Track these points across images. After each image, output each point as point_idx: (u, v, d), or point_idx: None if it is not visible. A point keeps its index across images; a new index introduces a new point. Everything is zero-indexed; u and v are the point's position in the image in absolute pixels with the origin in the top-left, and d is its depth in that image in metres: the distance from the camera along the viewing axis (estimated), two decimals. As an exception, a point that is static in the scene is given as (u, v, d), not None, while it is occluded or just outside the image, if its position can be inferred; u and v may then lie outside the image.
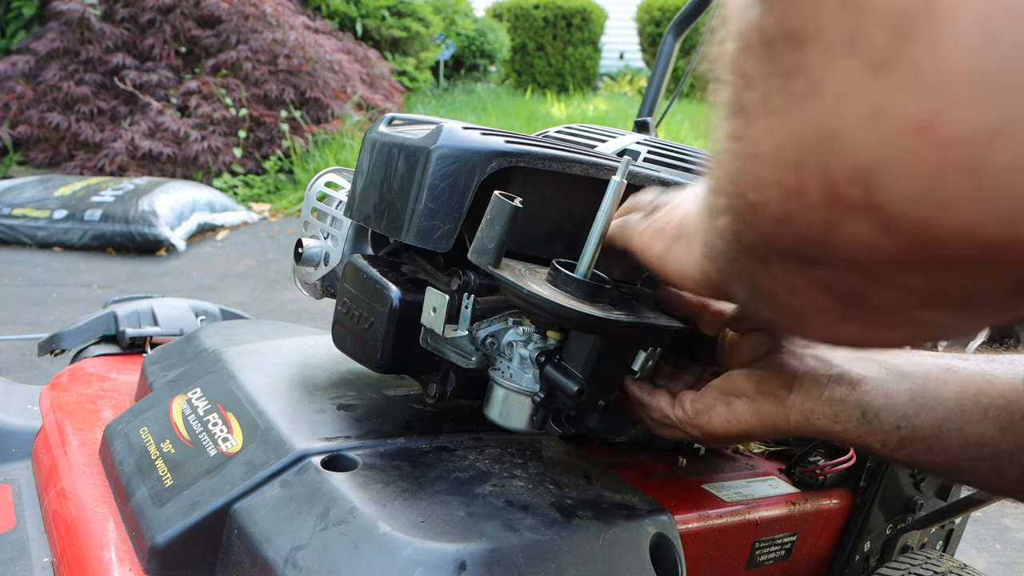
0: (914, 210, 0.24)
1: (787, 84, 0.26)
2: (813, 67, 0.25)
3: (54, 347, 1.23)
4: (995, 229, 0.23)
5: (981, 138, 0.22)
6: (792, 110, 0.26)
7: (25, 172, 6.34)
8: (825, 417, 0.59)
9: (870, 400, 0.58)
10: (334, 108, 6.86)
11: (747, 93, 0.28)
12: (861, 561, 0.97)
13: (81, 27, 6.56)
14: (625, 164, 0.61)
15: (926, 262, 0.25)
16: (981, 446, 0.55)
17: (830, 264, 0.29)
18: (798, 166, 0.27)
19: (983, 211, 0.23)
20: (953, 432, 0.56)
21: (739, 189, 0.31)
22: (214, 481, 0.67)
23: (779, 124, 0.27)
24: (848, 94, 0.24)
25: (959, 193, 0.23)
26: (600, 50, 12.20)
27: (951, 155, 0.22)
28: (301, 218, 0.90)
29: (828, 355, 0.61)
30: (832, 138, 0.25)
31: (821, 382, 0.60)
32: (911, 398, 0.57)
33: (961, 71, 0.21)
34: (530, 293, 0.58)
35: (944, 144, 0.22)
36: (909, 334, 0.34)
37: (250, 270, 4.83)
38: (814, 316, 0.33)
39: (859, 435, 0.59)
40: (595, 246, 0.61)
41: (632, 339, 0.65)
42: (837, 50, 0.24)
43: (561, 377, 0.61)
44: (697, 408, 0.64)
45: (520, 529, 0.61)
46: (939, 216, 0.23)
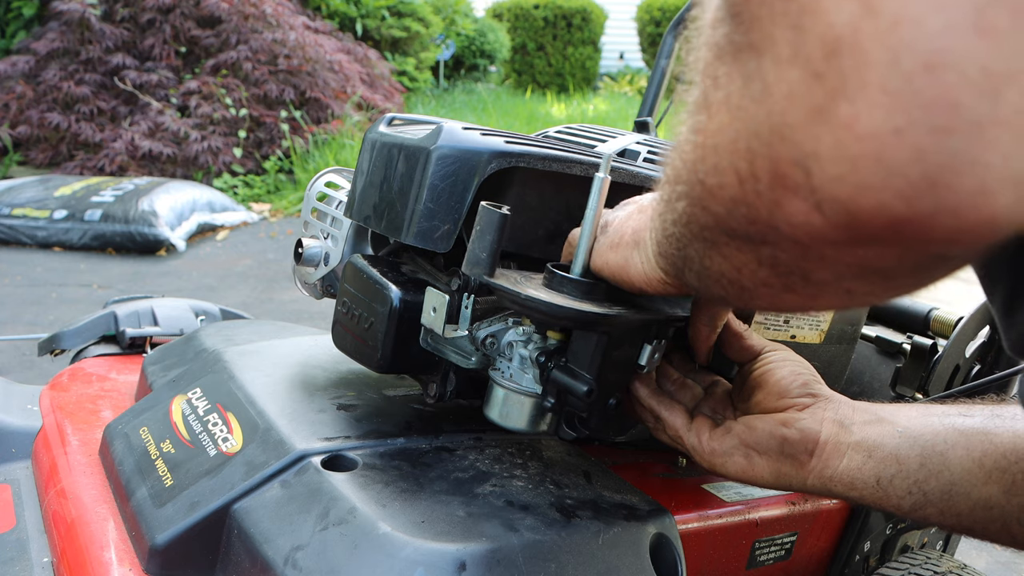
0: (838, 190, 0.30)
1: (746, 86, 0.32)
2: (767, 73, 0.31)
3: (54, 347, 1.23)
4: (897, 207, 0.29)
5: (887, 134, 0.28)
6: (748, 108, 0.32)
7: (25, 172, 6.34)
8: (843, 484, 0.62)
9: (884, 468, 0.60)
10: (334, 108, 6.85)
11: (713, 92, 0.34)
12: (861, 561, 0.97)
13: (81, 27, 6.56)
14: (607, 160, 0.61)
15: (850, 238, 0.31)
16: (989, 508, 0.57)
17: (773, 242, 0.34)
18: (751, 154, 0.32)
19: (888, 191, 0.28)
20: (961, 496, 0.58)
21: (698, 176, 0.36)
22: (214, 481, 0.67)
23: (737, 119, 0.33)
24: (793, 96, 0.30)
25: (870, 176, 0.29)
26: (600, 50, 12.20)
27: (866, 146, 0.28)
28: (301, 218, 0.90)
29: (849, 421, 0.63)
30: (780, 131, 0.31)
31: (841, 450, 0.62)
32: (921, 464, 0.59)
33: (874, 83, 0.27)
34: (528, 298, 0.58)
35: (861, 137, 0.28)
36: (840, 302, 0.38)
37: (250, 270, 4.83)
38: (760, 289, 0.39)
39: (874, 500, 0.61)
40: (587, 244, 0.61)
41: (636, 333, 0.65)
42: (786, 61, 0.30)
43: (569, 379, 0.61)
44: (714, 448, 0.65)
45: (520, 529, 0.61)
46: (856, 195, 0.29)
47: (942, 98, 0.26)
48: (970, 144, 0.27)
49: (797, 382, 0.65)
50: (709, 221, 0.37)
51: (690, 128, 0.36)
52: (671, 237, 0.44)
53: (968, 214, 0.28)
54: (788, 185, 0.31)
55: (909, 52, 0.26)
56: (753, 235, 0.35)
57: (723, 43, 0.33)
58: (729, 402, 0.69)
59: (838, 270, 0.34)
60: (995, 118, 0.26)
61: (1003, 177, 0.27)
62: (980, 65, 0.26)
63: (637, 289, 0.58)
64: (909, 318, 1.10)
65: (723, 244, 0.38)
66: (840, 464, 0.61)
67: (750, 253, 0.37)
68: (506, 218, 0.59)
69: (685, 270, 0.44)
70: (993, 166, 0.27)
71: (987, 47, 0.26)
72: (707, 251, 0.40)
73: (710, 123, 0.34)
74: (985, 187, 0.27)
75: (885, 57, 0.27)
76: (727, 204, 0.35)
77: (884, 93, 0.27)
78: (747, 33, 0.31)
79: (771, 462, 0.63)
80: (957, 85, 0.26)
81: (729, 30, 0.33)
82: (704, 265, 0.41)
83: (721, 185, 0.35)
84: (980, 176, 0.27)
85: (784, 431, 0.62)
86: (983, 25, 0.26)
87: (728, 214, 0.35)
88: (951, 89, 0.26)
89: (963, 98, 0.26)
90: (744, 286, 0.39)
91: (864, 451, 0.61)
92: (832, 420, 0.63)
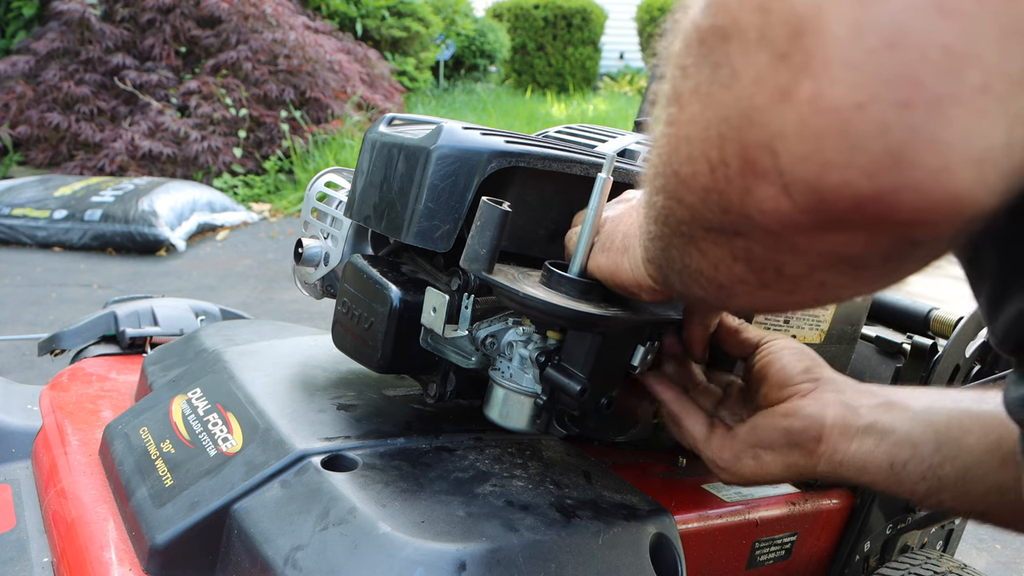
0: (804, 170, 0.30)
1: (714, 73, 0.32)
2: (734, 58, 0.31)
3: (54, 347, 1.23)
4: (861, 184, 0.29)
5: (850, 108, 0.28)
6: (717, 94, 0.32)
7: (25, 172, 6.33)
8: (854, 468, 0.61)
9: (898, 452, 0.59)
10: (334, 108, 6.85)
11: (682, 83, 0.34)
12: (861, 561, 0.97)
13: (81, 27, 6.56)
14: (610, 160, 0.61)
15: (817, 222, 0.31)
16: (1003, 494, 0.57)
17: (746, 233, 0.35)
18: (722, 140, 0.33)
19: (852, 168, 0.29)
20: (976, 481, 0.57)
21: (672, 167, 0.37)
22: (214, 481, 0.67)
23: (707, 107, 0.33)
24: (760, 79, 0.30)
25: (834, 153, 0.29)
26: (600, 50, 12.20)
27: (829, 120, 0.29)
28: (301, 218, 0.90)
29: (856, 404, 0.62)
30: (748, 114, 0.31)
31: (850, 434, 0.61)
32: (936, 448, 0.59)
33: (837, 59, 0.28)
34: (526, 296, 0.58)
35: (824, 111, 0.29)
36: (815, 296, 0.39)
37: (250, 270, 4.83)
38: (737, 287, 0.39)
39: (887, 485, 0.60)
40: (586, 244, 0.61)
41: (630, 334, 0.65)
42: (752, 44, 0.30)
43: (562, 378, 0.61)
44: (724, 458, 0.64)
45: (520, 529, 0.61)
46: (822, 173, 0.30)
47: (904, 74, 0.27)
48: (931, 121, 0.27)
49: (798, 368, 0.64)
50: (685, 215, 0.38)
51: (664, 121, 0.37)
52: (655, 239, 0.44)
53: (931, 191, 0.28)
54: (757, 170, 0.31)
55: (872, 29, 0.27)
56: (727, 226, 0.35)
57: (691, 32, 0.34)
58: (745, 401, 0.68)
59: (810, 260, 0.34)
60: (956, 96, 0.27)
61: (964, 155, 0.27)
62: (942, 44, 0.26)
63: (629, 293, 0.59)
64: (909, 318, 1.10)
65: (700, 239, 0.38)
66: (850, 448, 0.60)
67: (725, 246, 0.37)
68: (507, 214, 0.59)
69: (669, 272, 0.44)
70: (954, 144, 0.27)
71: (949, 27, 0.26)
72: (686, 247, 0.40)
73: (681, 114, 0.35)
74: (947, 164, 0.28)
75: (848, 33, 0.27)
76: (700, 193, 0.35)
77: (847, 68, 0.28)
78: (714, 19, 0.32)
79: (780, 456, 0.62)
80: (919, 62, 0.27)
81: (698, 19, 0.33)
82: (684, 263, 0.41)
83: (694, 174, 0.35)
84: (941, 153, 0.27)
85: (787, 422, 0.62)
86: (946, 5, 0.26)
87: (702, 204, 0.36)
88: (913, 66, 0.27)
89: (924, 75, 0.27)
90: (722, 283, 0.40)
91: (876, 435, 0.60)
92: (837, 402, 0.62)
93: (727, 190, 0.33)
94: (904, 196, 0.29)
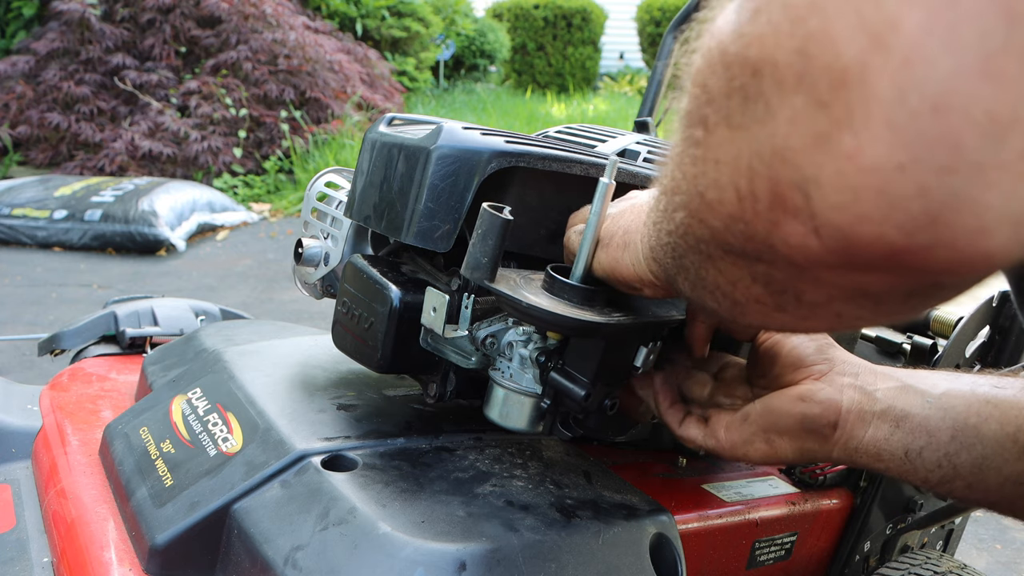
0: (837, 217, 0.30)
1: (745, 105, 0.32)
2: (768, 96, 0.31)
3: (54, 347, 1.23)
4: (896, 239, 0.29)
5: (891, 169, 0.28)
6: (750, 128, 0.32)
7: (25, 172, 6.33)
8: (868, 455, 0.60)
9: (914, 439, 0.59)
10: (334, 108, 6.85)
11: (707, 107, 0.34)
12: (861, 561, 0.97)
13: (81, 27, 6.56)
14: (612, 165, 0.61)
15: (845, 263, 0.31)
16: (1019, 484, 0.56)
17: (769, 261, 0.35)
18: (752, 174, 0.32)
19: (888, 224, 0.29)
20: (992, 471, 0.57)
21: (697, 188, 0.36)
22: (214, 481, 0.67)
23: (738, 138, 0.32)
24: (797, 122, 0.30)
25: (871, 208, 0.29)
26: (600, 50, 12.20)
27: (868, 179, 0.28)
28: (301, 218, 0.90)
29: (872, 388, 0.61)
30: (781, 153, 0.31)
31: (866, 419, 0.60)
32: (953, 436, 0.58)
33: (880, 118, 0.28)
34: (529, 306, 0.58)
35: (864, 169, 0.28)
36: (830, 324, 0.38)
37: (250, 270, 4.83)
38: (752, 306, 0.39)
39: (901, 472, 0.60)
40: (589, 249, 0.61)
41: (633, 336, 0.65)
42: (789, 86, 0.30)
43: (566, 383, 0.61)
44: (734, 440, 0.63)
45: (520, 529, 0.61)
46: (856, 225, 0.29)
47: (947, 138, 0.27)
48: (972, 185, 0.27)
49: (811, 347, 0.63)
50: (706, 235, 0.37)
51: (688, 140, 0.36)
52: (667, 246, 0.44)
53: (965, 249, 0.28)
54: (787, 208, 0.31)
55: (917, 91, 0.27)
56: (749, 252, 0.35)
57: (719, 56, 0.33)
58: (743, 382, 0.68)
59: (831, 292, 0.34)
60: (997, 161, 0.27)
61: (1001, 217, 0.28)
62: (986, 109, 0.26)
63: (630, 288, 0.58)
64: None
65: (719, 258, 0.38)
66: (866, 434, 0.60)
67: (745, 269, 0.37)
68: (508, 223, 0.59)
69: (679, 278, 0.44)
70: (993, 206, 0.27)
71: (994, 92, 0.26)
72: (703, 263, 0.40)
73: (710, 137, 0.34)
74: (984, 226, 0.28)
75: (893, 94, 0.27)
76: (725, 220, 0.35)
77: (889, 129, 0.27)
78: (748, 51, 0.31)
79: (794, 441, 0.62)
80: (962, 127, 0.27)
81: (727, 44, 0.32)
82: (699, 276, 0.41)
83: (720, 201, 0.35)
84: (980, 215, 0.28)
85: (803, 407, 0.61)
86: (992, 70, 0.26)
87: (726, 229, 0.35)
88: (956, 130, 0.27)
89: (967, 140, 0.27)
90: (736, 300, 0.40)
91: (892, 421, 0.60)
92: (853, 386, 0.61)
93: (754, 221, 0.33)
94: (937, 252, 0.29)
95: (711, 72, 0.33)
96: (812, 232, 0.31)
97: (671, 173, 0.39)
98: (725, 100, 0.33)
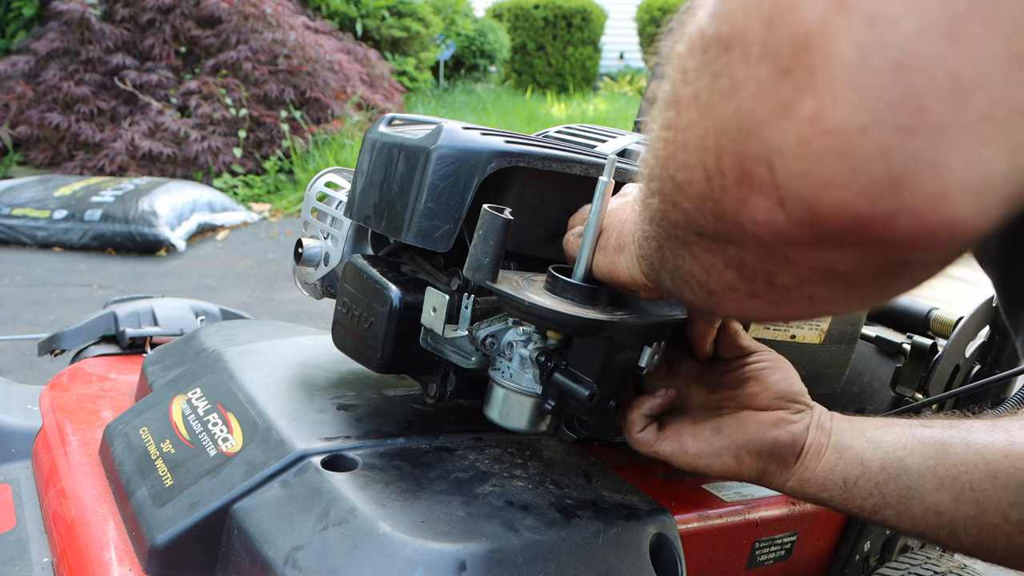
0: (801, 186, 0.30)
1: (715, 82, 0.32)
2: (736, 69, 0.31)
3: (54, 347, 1.23)
4: (858, 205, 0.29)
5: (852, 131, 0.28)
6: (717, 104, 0.32)
7: (25, 172, 6.33)
8: (816, 485, 0.64)
9: (851, 469, 0.63)
10: (334, 108, 6.85)
11: (682, 88, 0.34)
12: (861, 561, 0.97)
13: (81, 27, 6.55)
14: (611, 163, 0.61)
15: (811, 237, 0.31)
16: (939, 514, 0.60)
17: (739, 242, 0.35)
18: (719, 150, 0.32)
19: (851, 189, 0.29)
20: (916, 501, 0.61)
21: (668, 171, 0.36)
22: (214, 481, 0.67)
23: (706, 115, 0.33)
24: (761, 92, 0.30)
25: (833, 173, 0.29)
26: (600, 50, 12.19)
27: (830, 141, 0.28)
28: (301, 218, 0.90)
29: (828, 426, 0.65)
30: (747, 127, 0.31)
31: (820, 453, 0.64)
32: (882, 467, 0.62)
33: (842, 79, 0.27)
34: (532, 305, 0.58)
35: (825, 132, 0.28)
36: (803, 309, 0.39)
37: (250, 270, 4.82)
38: (726, 293, 0.39)
39: (842, 501, 0.64)
40: (590, 248, 0.61)
41: (637, 336, 0.65)
42: (755, 57, 0.30)
43: (571, 383, 0.61)
44: (701, 450, 0.65)
45: (520, 529, 0.61)
46: (819, 192, 0.29)
47: (909, 99, 0.27)
48: (934, 146, 0.27)
49: (794, 387, 0.66)
50: (679, 218, 0.37)
51: (661, 124, 0.36)
52: (649, 238, 0.44)
53: (928, 216, 0.28)
54: (753, 182, 0.31)
55: (879, 51, 0.27)
56: (720, 233, 0.35)
57: (696, 38, 0.33)
58: (697, 383, 0.69)
59: (801, 273, 0.34)
60: (960, 123, 0.27)
61: (964, 182, 0.27)
62: (949, 70, 0.26)
63: (628, 291, 0.59)
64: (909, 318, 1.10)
65: (693, 243, 0.38)
66: (817, 466, 0.64)
67: (718, 253, 0.37)
68: (509, 223, 0.59)
69: (661, 271, 0.45)
70: (955, 170, 0.27)
71: (958, 53, 0.26)
72: (679, 250, 0.40)
73: (679, 119, 0.34)
74: (946, 190, 0.28)
75: (855, 54, 0.27)
76: (695, 200, 0.35)
77: (851, 90, 0.27)
78: (719, 28, 0.31)
79: (760, 462, 0.65)
80: (925, 87, 0.26)
81: (703, 25, 0.33)
82: (676, 264, 0.41)
83: (690, 181, 0.35)
84: (942, 179, 0.27)
85: (777, 433, 0.64)
86: (956, 31, 0.26)
87: (697, 210, 0.35)
88: (919, 91, 0.27)
89: (930, 101, 0.27)
90: (712, 289, 0.40)
91: (836, 452, 0.64)
92: (816, 425, 0.65)
93: (722, 199, 0.33)
94: (901, 219, 0.29)
95: (690, 56, 0.33)
96: (777, 205, 0.31)
97: (647, 160, 0.40)
98: (696, 79, 0.33)
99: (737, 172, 0.32)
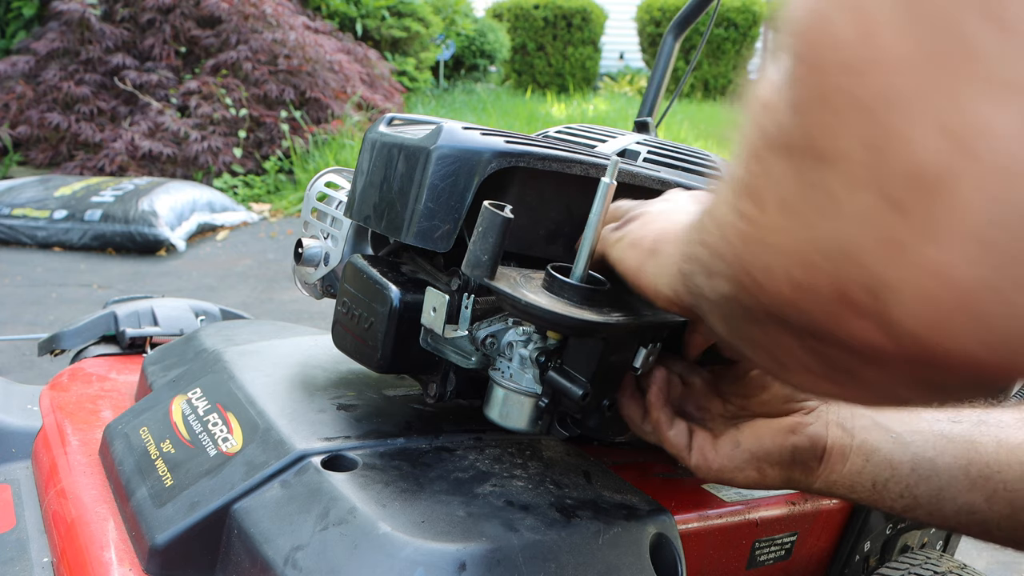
0: (915, 326, 0.27)
1: (807, 194, 0.28)
2: (834, 188, 0.27)
3: (54, 347, 1.23)
4: (984, 355, 0.27)
5: (983, 290, 0.25)
6: (809, 217, 0.28)
7: (25, 172, 6.34)
8: (844, 487, 0.63)
9: (879, 472, 0.62)
10: (334, 108, 6.85)
11: (763, 183, 0.30)
12: (861, 561, 0.97)
13: (81, 27, 6.56)
14: (613, 165, 0.61)
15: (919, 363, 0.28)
16: (972, 514, 0.59)
17: (828, 343, 0.31)
18: (813, 267, 0.29)
19: (975, 341, 0.26)
20: (948, 501, 0.60)
21: (744, 266, 0.32)
22: (214, 481, 0.67)
23: (798, 227, 0.29)
24: (867, 222, 0.26)
25: (956, 325, 0.26)
26: (600, 50, 12.20)
27: (956, 296, 0.25)
28: (301, 218, 0.90)
29: (850, 425, 0.64)
30: (848, 253, 0.27)
31: (845, 455, 0.63)
32: (912, 469, 0.61)
33: (972, 235, 0.24)
34: (528, 304, 0.58)
35: (952, 288, 0.25)
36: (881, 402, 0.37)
37: (250, 270, 4.83)
38: (798, 371, 0.35)
39: (871, 502, 0.63)
40: (589, 249, 0.61)
41: (632, 336, 0.65)
42: (860, 182, 0.26)
43: (564, 382, 0.61)
44: (723, 465, 0.64)
45: (520, 529, 0.61)
46: (937, 336, 0.27)
47: None
48: None
49: None
50: (753, 305, 0.33)
51: (737, 212, 0.32)
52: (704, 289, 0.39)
53: None
54: (854, 307, 0.28)
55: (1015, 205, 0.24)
56: (803, 328, 0.32)
57: (776, 133, 0.29)
58: (712, 395, 0.68)
59: (894, 379, 0.31)
60: None
61: None
62: None
63: (644, 294, 0.58)
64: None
65: (766, 323, 0.34)
66: (844, 468, 0.63)
67: (796, 340, 0.33)
68: (509, 221, 0.59)
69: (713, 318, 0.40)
70: None
71: None
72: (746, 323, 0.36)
73: (761, 217, 0.30)
74: None
75: (987, 208, 0.24)
76: (775, 300, 0.31)
77: (982, 247, 0.25)
78: (808, 133, 0.28)
79: (783, 471, 0.64)
80: None
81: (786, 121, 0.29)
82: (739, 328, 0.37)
83: (773, 285, 0.31)
84: None
85: (794, 439, 0.63)
86: None
87: (777, 308, 0.32)
88: None
89: None
90: (781, 362, 0.36)
91: (863, 455, 0.63)
92: (836, 424, 0.64)
93: (812, 310, 0.30)
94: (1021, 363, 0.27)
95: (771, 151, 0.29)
96: (883, 332, 0.28)
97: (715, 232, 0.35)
98: (781, 180, 0.29)
99: (834, 293, 0.29)
